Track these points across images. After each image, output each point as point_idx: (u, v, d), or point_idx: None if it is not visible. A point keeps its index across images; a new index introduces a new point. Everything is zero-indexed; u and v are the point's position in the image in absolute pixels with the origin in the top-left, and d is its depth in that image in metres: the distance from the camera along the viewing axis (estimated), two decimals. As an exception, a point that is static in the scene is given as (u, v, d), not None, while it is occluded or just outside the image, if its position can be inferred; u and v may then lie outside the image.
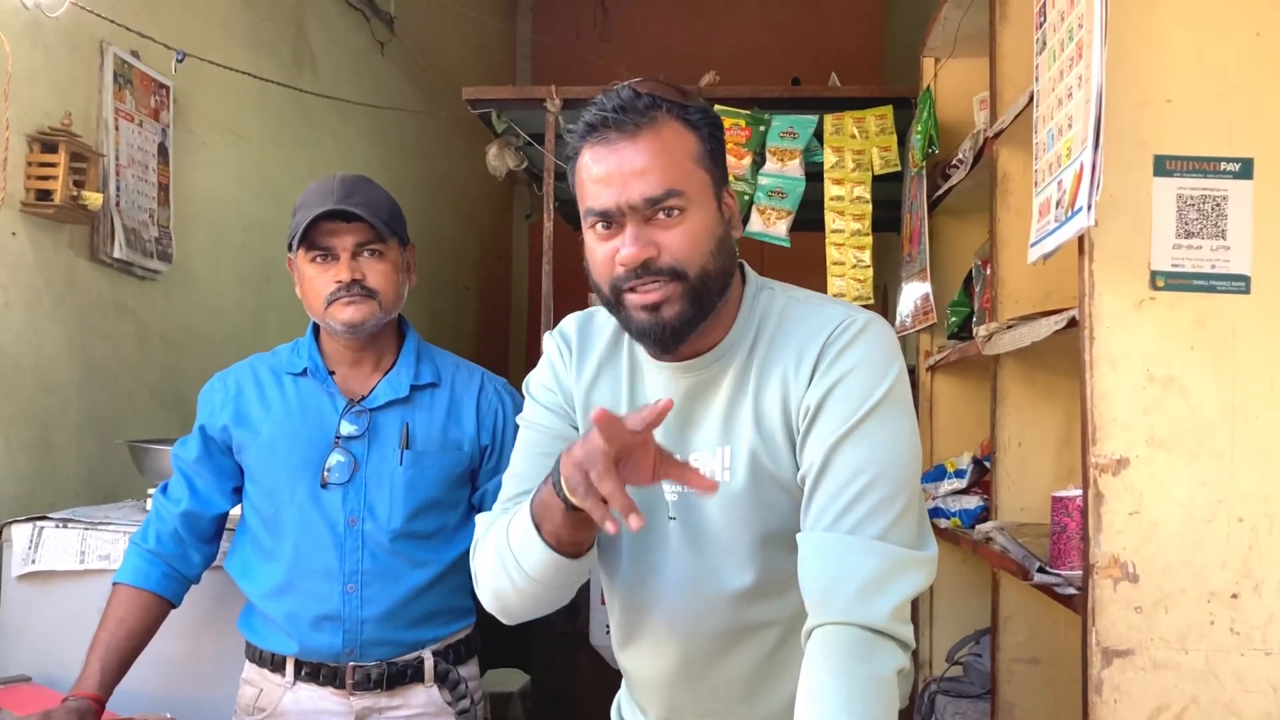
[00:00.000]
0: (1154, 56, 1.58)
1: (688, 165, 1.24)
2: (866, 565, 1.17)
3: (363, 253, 1.79)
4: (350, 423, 1.83)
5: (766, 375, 1.28)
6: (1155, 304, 1.56)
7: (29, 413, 2.53)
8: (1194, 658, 1.53)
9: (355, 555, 1.80)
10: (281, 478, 1.82)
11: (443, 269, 5.83)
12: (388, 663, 1.82)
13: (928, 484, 2.65)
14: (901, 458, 1.22)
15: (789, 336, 1.29)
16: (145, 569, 1.84)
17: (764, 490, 1.27)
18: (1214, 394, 1.55)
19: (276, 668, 1.84)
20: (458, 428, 1.88)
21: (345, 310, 1.78)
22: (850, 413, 1.21)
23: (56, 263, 2.63)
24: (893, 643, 1.17)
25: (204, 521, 1.89)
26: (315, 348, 1.89)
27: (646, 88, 1.27)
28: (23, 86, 2.46)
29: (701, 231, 1.24)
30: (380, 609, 1.79)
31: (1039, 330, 1.82)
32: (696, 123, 1.27)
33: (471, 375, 1.95)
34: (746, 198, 3.30)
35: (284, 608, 1.81)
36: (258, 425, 1.85)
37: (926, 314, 2.97)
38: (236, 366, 1.94)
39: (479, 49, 6.65)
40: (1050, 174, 1.69)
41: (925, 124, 2.93)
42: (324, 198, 1.77)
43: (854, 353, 1.24)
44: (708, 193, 1.26)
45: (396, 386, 1.86)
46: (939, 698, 2.71)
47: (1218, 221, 1.56)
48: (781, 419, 1.26)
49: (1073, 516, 1.71)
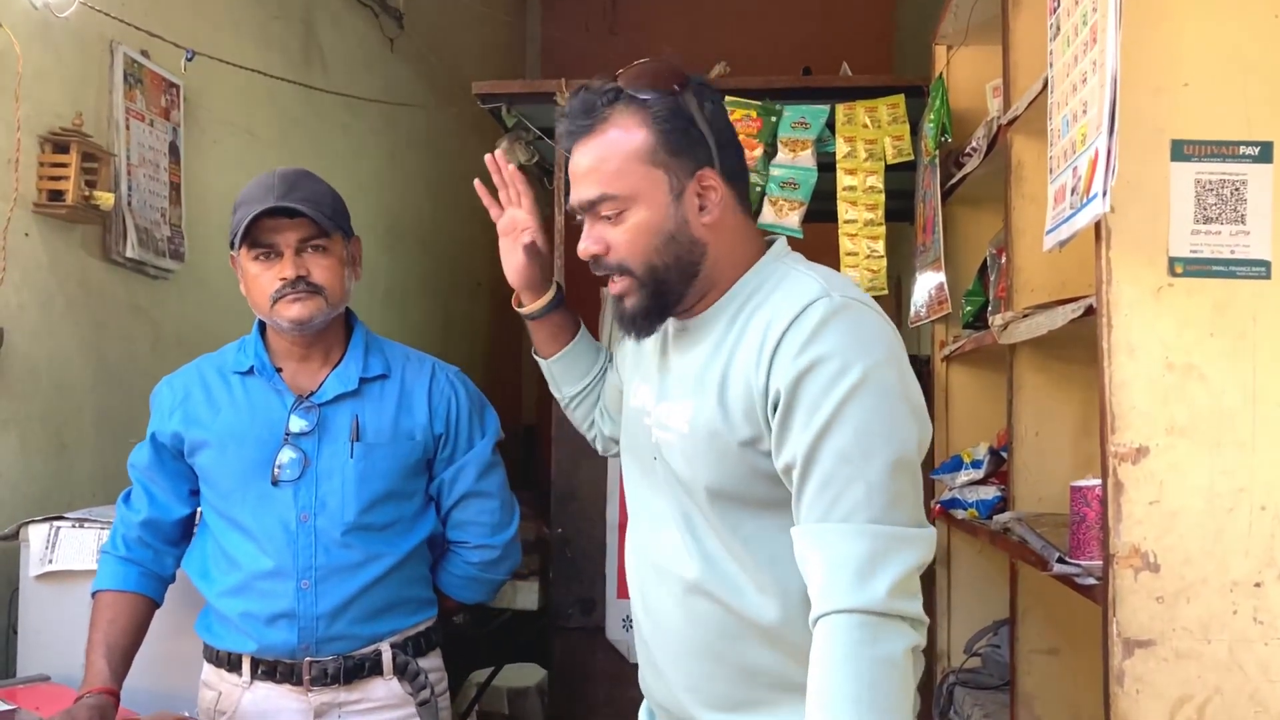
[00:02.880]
0: (1170, 40, 1.56)
1: (630, 166, 1.30)
2: (859, 549, 1.17)
3: (306, 249, 1.78)
4: (300, 418, 1.82)
5: (738, 343, 1.30)
6: (1174, 290, 1.54)
7: (45, 414, 2.54)
8: (1217, 648, 1.52)
9: (308, 552, 1.79)
10: (233, 478, 1.82)
11: (455, 266, 5.83)
12: (344, 657, 1.81)
13: (944, 475, 2.63)
14: (888, 441, 1.21)
15: (754, 311, 1.31)
16: (123, 572, 1.86)
17: (710, 448, 1.30)
18: (1235, 381, 1.53)
19: (233, 667, 1.83)
20: (409, 418, 1.87)
21: (291, 307, 1.77)
22: (826, 402, 1.21)
23: (69, 263, 2.63)
24: (899, 622, 1.17)
25: (166, 527, 1.90)
26: (262, 345, 1.88)
27: (624, 79, 1.33)
28: (33, 87, 2.46)
29: (645, 229, 1.31)
30: (334, 603, 1.79)
31: (1055, 319, 1.80)
32: (655, 116, 1.30)
33: (422, 365, 1.94)
34: (758, 189, 3.28)
35: (239, 606, 1.80)
36: (207, 427, 1.84)
37: (941, 304, 2.95)
38: (184, 369, 1.94)
39: (488, 43, 6.64)
40: (1065, 160, 1.67)
41: (938, 112, 2.91)
42: (265, 194, 1.75)
43: (822, 342, 1.23)
44: (657, 188, 1.31)
45: (345, 380, 1.85)
46: (957, 689, 2.70)
47: (1237, 206, 1.54)
48: (736, 388, 1.28)
49: (1092, 506, 1.69)
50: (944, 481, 2.63)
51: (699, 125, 1.33)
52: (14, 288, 2.43)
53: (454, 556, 1.97)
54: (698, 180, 1.33)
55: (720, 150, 1.35)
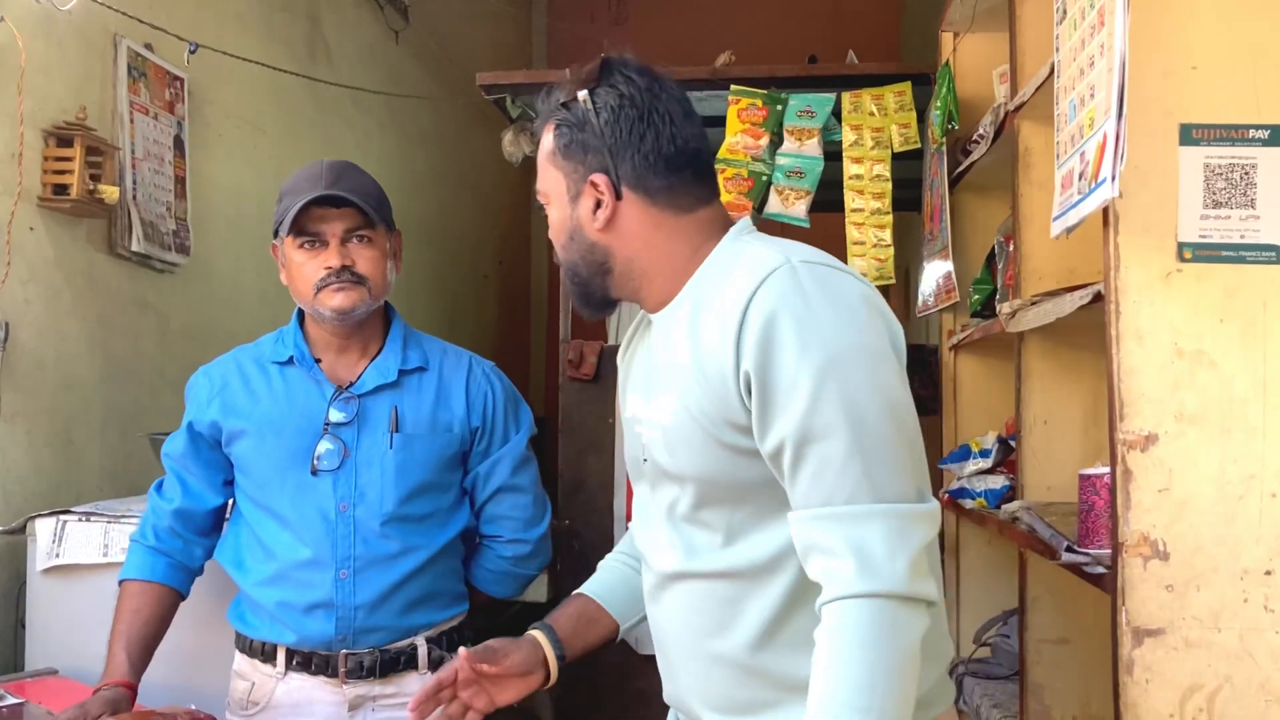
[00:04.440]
0: (1178, 22, 1.54)
1: (543, 165, 1.39)
2: (869, 531, 1.13)
3: (352, 239, 1.79)
4: (339, 409, 1.82)
5: (696, 329, 1.28)
6: (1183, 276, 1.53)
7: (51, 408, 2.54)
8: (1227, 636, 1.50)
9: (347, 541, 1.79)
10: (272, 468, 1.82)
11: (461, 258, 5.82)
12: (380, 650, 1.81)
13: (952, 464, 2.62)
14: (878, 406, 1.16)
15: (711, 292, 1.28)
16: (151, 562, 1.85)
17: (690, 435, 1.27)
18: (1245, 367, 1.52)
19: (268, 658, 1.83)
20: (447, 410, 1.87)
21: (335, 296, 1.77)
22: (803, 379, 1.16)
23: (75, 257, 2.63)
24: (917, 605, 1.14)
25: (199, 517, 1.89)
26: (300, 336, 1.88)
27: (565, 77, 1.38)
28: (36, 81, 2.46)
29: (554, 226, 1.39)
30: (373, 594, 1.79)
31: (1063, 306, 1.79)
32: (557, 120, 1.35)
33: (459, 359, 1.94)
34: (764, 178, 3.27)
35: (276, 596, 1.80)
36: (246, 417, 1.84)
37: (949, 293, 2.94)
38: (220, 360, 1.93)
39: (494, 35, 6.63)
40: (1073, 146, 1.66)
41: (945, 99, 2.89)
42: (313, 183, 1.76)
43: (788, 314, 1.17)
44: (558, 190, 1.37)
45: (384, 371, 1.85)
46: (967, 679, 2.69)
47: (1246, 190, 1.52)
48: (705, 370, 1.25)
49: (1101, 494, 1.68)
50: (952, 471, 2.61)
51: (594, 130, 1.32)
52: (19, 282, 2.43)
53: (487, 551, 1.97)
54: (591, 185, 1.33)
55: (617, 155, 1.32)
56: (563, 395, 3.39)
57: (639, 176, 1.33)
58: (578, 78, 1.35)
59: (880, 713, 1.10)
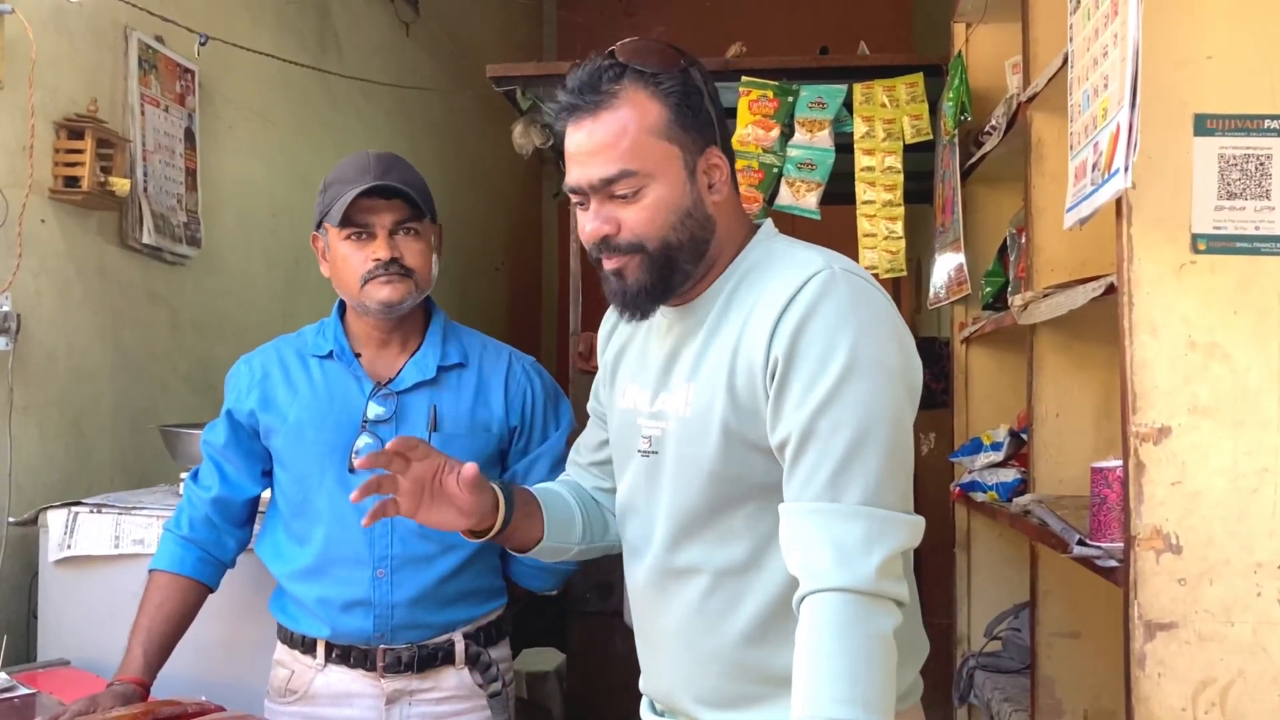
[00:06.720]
0: (1193, 11, 1.52)
1: (647, 141, 1.27)
2: (851, 529, 1.17)
3: (399, 231, 1.77)
4: (378, 405, 1.81)
5: (732, 323, 1.29)
6: (1196, 268, 1.52)
7: (63, 400, 2.55)
8: (1240, 630, 1.49)
9: (385, 540, 1.78)
10: (310, 462, 1.81)
11: (473, 250, 5.82)
12: (418, 645, 1.81)
13: (964, 457, 2.61)
14: (884, 422, 1.20)
15: (752, 287, 1.30)
16: (180, 554, 1.85)
17: (711, 428, 1.28)
18: (1259, 360, 1.50)
19: (308, 649, 1.84)
20: (486, 409, 1.86)
21: (383, 289, 1.76)
22: (824, 378, 1.19)
23: (86, 250, 2.64)
24: (886, 602, 1.17)
25: (235, 506, 1.89)
26: (341, 329, 1.87)
27: (623, 54, 1.30)
28: (47, 73, 2.46)
29: (662, 205, 1.29)
30: (410, 593, 1.78)
31: (1076, 298, 1.78)
32: (666, 91, 1.28)
33: (499, 355, 1.92)
34: (775, 170, 3.26)
35: (314, 592, 1.80)
36: (285, 409, 1.84)
37: (961, 285, 2.93)
38: (262, 350, 1.93)
39: (504, 27, 6.62)
40: (1086, 136, 1.65)
41: (957, 91, 2.88)
42: (362, 174, 1.75)
43: (823, 314, 1.21)
44: (673, 164, 1.29)
45: (423, 368, 1.84)
46: (978, 673, 2.69)
47: (1261, 181, 1.51)
48: (737, 364, 1.26)
49: (1113, 488, 1.67)
50: (964, 464, 2.60)
51: (706, 102, 1.32)
52: (31, 274, 2.43)
53: None
54: (706, 158, 1.32)
55: (721, 129, 1.34)
56: (573, 388, 3.40)
57: (730, 154, 1.36)
58: (655, 54, 1.29)
59: (864, 702, 1.12)
